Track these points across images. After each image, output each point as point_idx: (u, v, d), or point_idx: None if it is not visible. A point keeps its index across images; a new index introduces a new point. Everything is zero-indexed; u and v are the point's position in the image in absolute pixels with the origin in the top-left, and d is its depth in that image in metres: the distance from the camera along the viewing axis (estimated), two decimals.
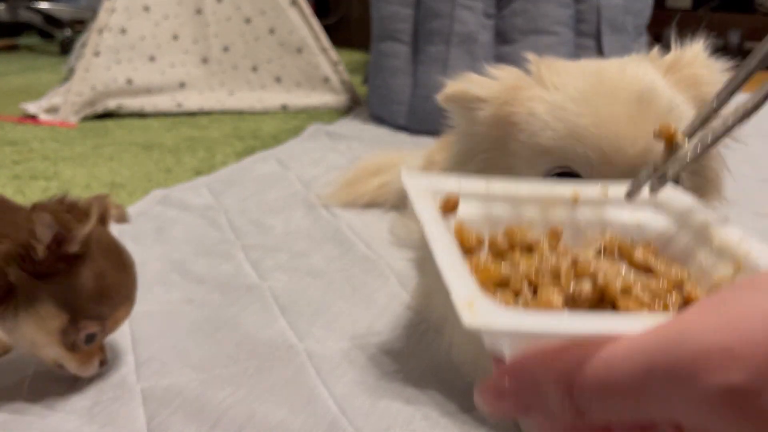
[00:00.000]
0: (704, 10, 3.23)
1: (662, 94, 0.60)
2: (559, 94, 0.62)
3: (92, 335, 0.71)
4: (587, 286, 0.35)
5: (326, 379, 0.77)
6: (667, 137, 0.41)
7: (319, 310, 0.93)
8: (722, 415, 0.25)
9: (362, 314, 0.92)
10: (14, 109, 2.06)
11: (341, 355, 0.82)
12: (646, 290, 0.36)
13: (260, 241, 1.16)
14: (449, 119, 0.71)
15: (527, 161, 0.63)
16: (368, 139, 1.85)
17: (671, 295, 0.36)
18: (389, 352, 0.83)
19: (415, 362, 0.81)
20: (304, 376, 0.78)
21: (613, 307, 0.36)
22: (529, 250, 0.40)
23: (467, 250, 0.39)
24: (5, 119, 1.97)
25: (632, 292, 0.35)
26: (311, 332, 0.87)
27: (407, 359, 0.81)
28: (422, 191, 0.41)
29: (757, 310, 0.25)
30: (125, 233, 0.79)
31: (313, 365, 0.80)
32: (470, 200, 0.43)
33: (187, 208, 1.29)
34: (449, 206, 0.42)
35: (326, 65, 2.23)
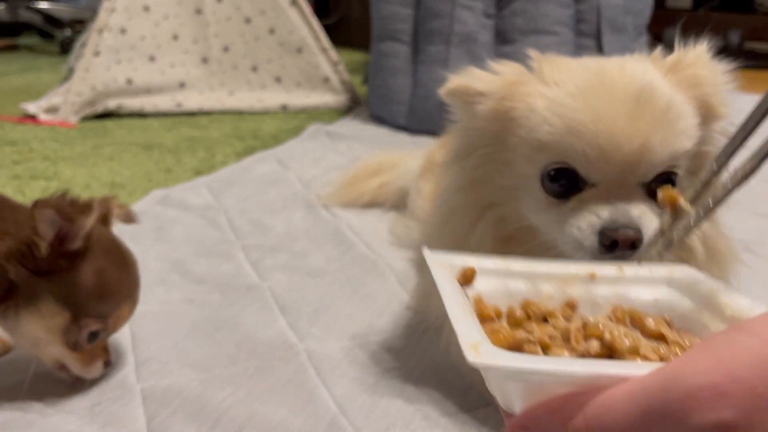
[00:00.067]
0: (704, 10, 3.23)
1: (661, 92, 0.61)
2: (558, 90, 0.62)
3: (95, 333, 0.71)
4: (595, 344, 0.36)
5: (326, 378, 0.77)
6: (670, 203, 0.42)
7: (319, 310, 0.93)
8: None
9: (362, 314, 0.92)
10: (14, 109, 2.06)
11: (341, 354, 0.82)
12: (655, 352, 0.35)
13: (260, 241, 1.16)
14: (450, 114, 0.71)
15: (526, 156, 0.63)
16: (368, 139, 1.85)
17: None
18: (389, 351, 0.83)
19: (415, 362, 0.81)
20: (304, 376, 0.78)
21: None
22: (544, 320, 0.41)
23: (485, 319, 0.40)
24: (5, 119, 1.97)
25: (640, 351, 0.35)
26: (311, 332, 0.87)
27: (407, 359, 0.81)
28: (441, 262, 0.43)
29: (743, 350, 0.27)
30: (125, 233, 0.79)
31: (313, 365, 0.80)
32: (489, 275, 0.44)
33: (187, 208, 1.29)
34: (466, 278, 0.43)
35: (326, 65, 2.23)
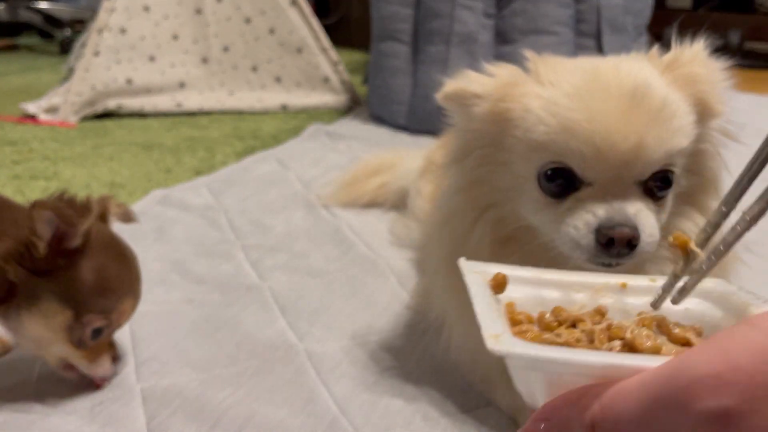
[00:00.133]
0: (704, 9, 3.23)
1: (656, 90, 0.61)
2: (553, 90, 0.62)
3: (99, 330, 0.71)
4: (617, 344, 0.37)
5: (326, 378, 0.77)
6: (681, 247, 0.42)
7: (319, 310, 0.93)
8: None
9: (362, 314, 0.92)
10: (14, 109, 2.06)
11: (341, 354, 0.82)
12: (677, 353, 0.36)
13: (260, 241, 1.16)
14: (448, 118, 0.72)
15: (522, 157, 0.64)
16: (368, 139, 1.85)
17: None
18: (389, 351, 0.83)
19: (414, 362, 0.81)
20: (304, 376, 0.78)
21: None
22: (573, 325, 0.41)
23: (516, 323, 0.41)
24: (5, 119, 1.97)
25: (661, 352, 0.36)
26: (311, 332, 0.87)
27: (407, 359, 0.81)
28: (475, 270, 0.44)
29: (746, 341, 0.28)
30: (125, 233, 0.79)
31: (313, 365, 0.80)
32: (522, 284, 0.45)
33: (187, 208, 1.29)
34: (498, 283, 0.44)
35: (326, 65, 2.23)
